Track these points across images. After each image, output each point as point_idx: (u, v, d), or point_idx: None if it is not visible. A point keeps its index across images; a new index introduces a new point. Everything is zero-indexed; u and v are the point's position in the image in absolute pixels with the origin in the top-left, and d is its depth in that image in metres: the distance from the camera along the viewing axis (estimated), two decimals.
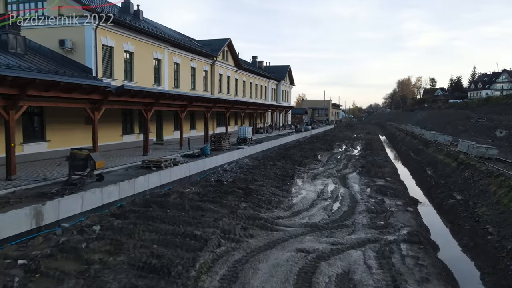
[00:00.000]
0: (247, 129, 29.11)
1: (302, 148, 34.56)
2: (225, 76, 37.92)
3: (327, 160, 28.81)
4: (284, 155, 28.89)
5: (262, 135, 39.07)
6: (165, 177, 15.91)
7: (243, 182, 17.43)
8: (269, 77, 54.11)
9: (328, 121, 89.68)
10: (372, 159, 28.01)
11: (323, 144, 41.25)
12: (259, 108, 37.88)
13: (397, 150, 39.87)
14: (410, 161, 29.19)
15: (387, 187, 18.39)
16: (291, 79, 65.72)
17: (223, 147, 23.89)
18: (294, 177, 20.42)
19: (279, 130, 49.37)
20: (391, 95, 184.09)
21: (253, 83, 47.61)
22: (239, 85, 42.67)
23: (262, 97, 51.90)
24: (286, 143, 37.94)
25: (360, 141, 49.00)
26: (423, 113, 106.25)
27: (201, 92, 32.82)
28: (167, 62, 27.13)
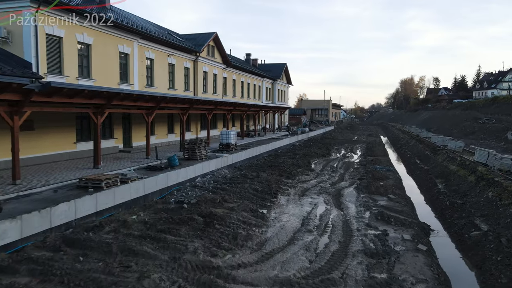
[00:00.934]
0: (230, 133, 25.54)
1: (295, 154, 30.97)
2: (211, 74, 34.37)
3: (321, 169, 25.21)
4: (272, 163, 25.31)
5: (253, 139, 35.51)
6: (104, 200, 12.37)
7: (209, 204, 13.87)
8: (263, 75, 50.52)
9: (328, 122, 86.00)
10: (373, 169, 24.40)
11: (319, 148, 37.64)
12: (248, 109, 34.33)
13: (401, 156, 36.19)
14: (416, 171, 25.55)
15: (390, 209, 14.80)
16: (288, 78, 62.10)
17: (197, 156, 20.34)
18: (277, 194, 16.85)
19: (274, 132, 45.82)
20: (394, 95, 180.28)
21: (245, 82, 44.05)
22: (228, 84, 39.11)
23: (255, 97, 48.34)
24: (278, 148, 34.36)
25: (360, 145, 45.34)
26: (427, 114, 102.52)
27: (182, 92, 29.29)
28: (137, 57, 23.61)
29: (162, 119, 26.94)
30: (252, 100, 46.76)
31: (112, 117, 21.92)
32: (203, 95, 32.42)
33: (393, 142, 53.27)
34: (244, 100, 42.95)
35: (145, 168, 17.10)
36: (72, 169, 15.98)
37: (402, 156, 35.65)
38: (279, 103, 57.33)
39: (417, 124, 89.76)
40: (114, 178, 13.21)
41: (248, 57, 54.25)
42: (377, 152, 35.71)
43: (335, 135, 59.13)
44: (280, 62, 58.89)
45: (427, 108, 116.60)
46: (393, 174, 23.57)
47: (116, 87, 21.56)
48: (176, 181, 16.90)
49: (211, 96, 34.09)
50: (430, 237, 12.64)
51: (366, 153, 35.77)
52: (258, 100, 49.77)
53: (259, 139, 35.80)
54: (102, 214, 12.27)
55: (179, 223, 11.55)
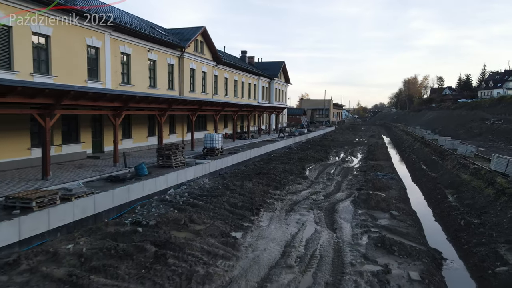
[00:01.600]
0: (215, 136, 23.00)
1: (290, 159, 28.39)
2: (200, 72, 31.84)
3: (316, 177, 22.63)
4: (261, 170, 22.76)
5: (245, 141, 32.97)
6: (34, 225, 9.87)
7: (170, 227, 11.36)
8: (259, 74, 47.96)
9: (329, 123, 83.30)
10: (374, 176, 21.80)
11: (317, 151, 35.04)
12: (240, 109, 31.80)
13: (405, 160, 33.47)
14: (422, 178, 22.90)
15: (393, 231, 12.22)
16: (286, 76, 59.50)
17: (173, 163, 17.82)
18: (260, 210, 14.30)
19: (269, 134, 43.25)
20: (397, 94, 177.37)
21: (238, 81, 41.50)
22: (219, 82, 36.58)
23: (250, 97, 45.80)
24: (271, 152, 31.79)
25: (362, 147, 42.69)
26: (431, 114, 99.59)
27: (165, 91, 26.80)
28: (110, 51, 21.12)
29: (141, 120, 24.45)
30: (247, 100, 44.23)
31: (78, 119, 19.46)
32: (190, 95, 29.93)
33: (396, 144, 50.55)
34: (238, 100, 40.45)
35: (106, 179, 14.60)
36: (15, 180, 13.49)
37: (406, 160, 32.96)
38: (277, 103, 54.75)
39: (421, 124, 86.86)
40: (51, 195, 10.70)
41: (244, 54, 51.71)
42: (379, 156, 33.05)
43: (336, 137, 56.48)
44: (277, 60, 56.36)
45: (431, 108, 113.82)
46: (397, 182, 20.94)
47: (84, 84, 19.11)
48: (140, 194, 14.37)
49: (200, 95, 31.59)
50: (443, 270, 10.06)
51: (367, 156, 33.12)
52: (254, 100, 47.23)
53: (252, 142, 33.25)
54: (31, 242, 9.76)
55: (123, 257, 9.02)
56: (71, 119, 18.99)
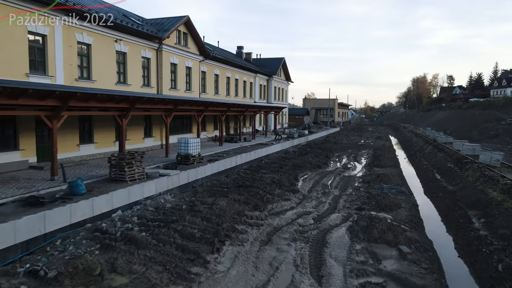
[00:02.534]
0: (190, 141, 19.45)
1: (282, 166, 24.77)
2: (183, 67, 28.32)
3: (310, 190, 18.97)
4: (244, 181, 19.16)
5: (234, 145, 29.40)
6: None
7: (77, 280, 7.84)
8: (255, 70, 44.32)
9: (333, 123, 79.35)
10: (379, 190, 18.10)
11: (316, 156, 31.35)
12: (228, 109, 28.22)
13: (415, 167, 29.49)
14: (437, 192, 19.07)
15: (403, 283, 8.57)
16: (286, 74, 55.78)
17: (126, 176, 14.32)
18: (225, 243, 10.74)
19: (266, 136, 39.62)
20: (406, 93, 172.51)
21: (231, 78, 37.93)
22: (208, 79, 33.06)
23: (246, 95, 42.21)
24: (263, 157, 28.18)
25: (367, 151, 38.86)
26: (441, 114, 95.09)
27: (139, 89, 23.36)
28: (62, 40, 17.68)
29: (107, 122, 21.00)
30: (241, 99, 40.66)
31: (17, 121, 16.06)
32: (171, 93, 26.45)
33: (405, 147, 46.50)
34: (231, 99, 36.91)
35: (25, 201, 11.14)
36: None
37: (417, 167, 29.04)
38: (276, 102, 51.07)
39: (430, 125, 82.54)
40: None
41: (240, 50, 48.13)
42: (386, 162, 29.24)
43: (339, 138, 52.62)
44: (277, 57, 52.64)
45: (441, 107, 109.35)
46: (406, 198, 17.20)
47: (24, 79, 15.70)
48: (66, 221, 10.88)
49: (183, 93, 28.10)
50: None
51: (372, 162, 29.33)
52: (250, 99, 43.64)
53: (243, 146, 29.68)
54: None
55: None
56: (5, 121, 15.61)
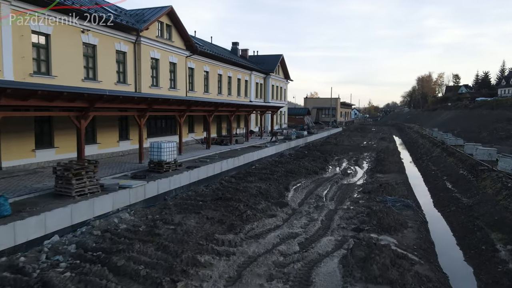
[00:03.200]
0: (164, 146, 16.87)
1: (273, 172, 22.18)
2: (166, 63, 25.77)
3: (301, 202, 16.37)
4: (226, 192, 16.57)
5: (223, 148, 26.86)
6: None
7: None
8: (251, 68, 41.70)
9: (335, 123, 76.57)
10: (382, 204, 15.46)
11: (314, 160, 28.74)
12: (215, 109, 25.65)
13: (423, 172, 26.63)
14: (450, 205, 16.33)
15: None
16: (285, 72, 53.12)
17: (73, 190, 11.78)
18: (176, 286, 8.13)
19: (261, 137, 37.00)
20: (410, 93, 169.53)
21: (224, 75, 35.35)
22: (197, 77, 30.50)
23: (240, 94, 39.62)
24: (254, 162, 25.58)
25: (369, 153, 36.17)
26: (447, 114, 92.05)
27: (112, 86, 20.85)
28: (11, 29, 15.17)
29: (68, 124, 18.42)
30: (235, 98, 38.09)
31: None
32: (152, 91, 23.93)
33: (411, 149, 43.66)
34: (223, 98, 34.37)
35: None
36: None
37: (425, 172, 26.27)
38: (274, 101, 48.43)
39: (436, 125, 79.58)
40: None
41: (235, 46, 45.52)
42: (390, 166, 26.55)
43: (341, 140, 49.88)
44: (275, 54, 50.01)
45: (446, 107, 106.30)
46: (414, 214, 14.54)
47: None
48: None
49: (167, 92, 25.57)
50: None
51: (375, 167, 26.64)
52: (245, 97, 41.05)
53: (233, 149, 27.10)
54: None
55: None
56: None
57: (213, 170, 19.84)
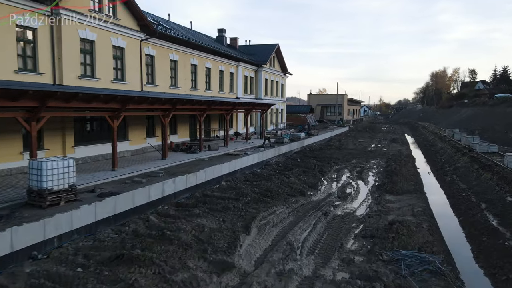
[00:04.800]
0: (44, 166, 10.70)
1: (240, 196, 15.91)
2: (108, 47, 19.63)
3: (258, 262, 10.08)
4: (138, 242, 10.34)
5: (187, 157, 20.75)
6: None
7: None
8: (238, 58, 35.39)
9: (342, 122, 69.79)
10: (393, 265, 9.11)
11: (304, 172, 22.50)
12: (173, 107, 19.44)
13: (449, 194, 19.21)
14: (505, 262, 9.90)
15: None
16: (282, 65, 46.62)
17: None
18: None
19: (246, 141, 30.73)
20: (423, 89, 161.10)
21: (199, 66, 29.11)
22: (159, 67, 24.31)
23: (224, 89, 33.40)
24: (223, 178, 19.34)
25: (378, 161, 29.65)
26: (465, 111, 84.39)
27: (12, 76, 14.76)
28: None
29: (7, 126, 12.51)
30: (217, 93, 31.91)
31: None
32: (82, 82, 17.84)
33: (428, 154, 36.76)
34: (199, 94, 28.24)
35: None
36: None
37: (451, 193, 19.37)
38: (267, 98, 42.04)
39: (453, 123, 72.21)
40: None
41: (221, 34, 39.17)
42: (403, 183, 19.99)
43: (345, 142, 43.29)
44: (269, 43, 43.59)
45: (463, 104, 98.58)
46: None
47: None
48: None
49: (109, 85, 19.50)
50: None
51: (383, 185, 20.10)
52: (231, 93, 34.81)
53: (199, 158, 20.97)
54: None
55: None
56: None
57: (143, 197, 13.65)
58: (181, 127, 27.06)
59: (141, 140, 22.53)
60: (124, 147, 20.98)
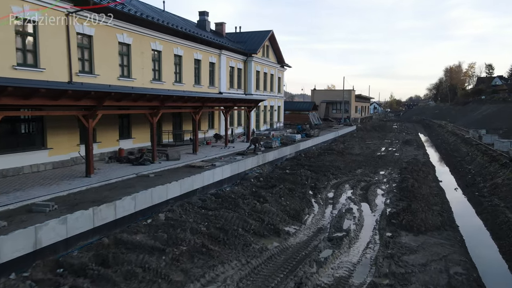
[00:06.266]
0: None
1: (175, 241, 10.11)
2: (7, 21, 13.91)
3: None
4: None
5: (132, 170, 15.06)
6: None
7: None
8: (220, 45, 29.47)
9: (349, 120, 63.46)
10: None
11: (291, 191, 16.78)
12: (99, 104, 13.76)
13: (494, 231, 13.40)
14: None
15: None
16: (278, 55, 40.54)
17: None
18: None
19: (226, 146, 24.92)
20: (437, 85, 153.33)
21: (166, 53, 23.33)
22: (104, 51, 18.52)
23: (201, 82, 27.61)
24: (161, 206, 13.50)
25: (389, 172, 23.66)
26: (486, 109, 77.36)
27: None
28: None
29: None
30: (191, 87, 26.17)
31: None
32: None
33: (451, 162, 30.21)
34: (165, 88, 22.56)
35: None
36: None
37: (496, 229, 13.33)
38: (258, 94, 36.10)
39: (473, 122, 65.53)
40: None
41: (203, 17, 33.20)
42: (426, 215, 13.88)
43: (351, 144, 37.17)
44: (261, 30, 37.63)
45: (480, 100, 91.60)
46: None
47: None
48: None
49: (15, 73, 13.84)
50: None
51: (396, 216, 13.99)
52: (211, 87, 29.01)
53: (143, 174, 15.29)
54: None
55: None
56: None
57: None
58: (137, 129, 21.35)
59: (69, 148, 16.83)
60: (39, 158, 15.32)
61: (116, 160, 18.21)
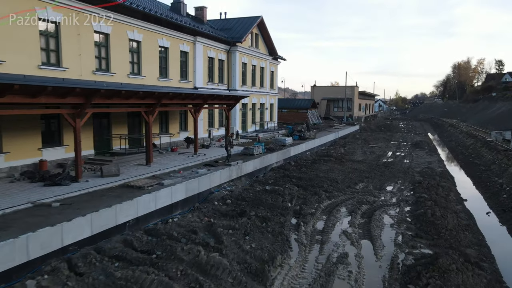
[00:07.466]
0: None
1: None
2: None
3: None
4: None
5: (25, 197, 10.16)
6: None
7: None
8: (194, 30, 24.53)
9: (351, 119, 58.33)
10: None
11: (266, 221, 12.05)
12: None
13: None
14: None
15: None
16: (269, 45, 35.51)
17: None
18: None
19: (196, 153, 20.10)
20: (444, 82, 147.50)
21: (113, 36, 18.44)
22: (12, 30, 13.68)
23: (168, 76, 22.77)
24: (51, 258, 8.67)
25: (398, 187, 18.74)
26: (499, 106, 71.75)
27: None
28: None
29: None
30: (155, 81, 21.35)
31: None
32: None
33: (473, 172, 24.79)
34: (116, 81, 17.78)
35: None
36: None
37: None
38: (245, 89, 31.17)
39: (486, 121, 60.25)
40: None
41: None
42: (460, 276, 9.02)
43: (352, 148, 32.15)
44: (248, 16, 32.70)
45: (491, 98, 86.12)
46: None
47: None
48: None
49: None
50: None
51: (417, 277, 9.12)
52: (183, 81, 24.15)
53: (48, 202, 10.44)
54: None
55: None
56: None
57: None
58: (72, 133, 16.46)
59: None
60: None
61: (28, 177, 13.41)
